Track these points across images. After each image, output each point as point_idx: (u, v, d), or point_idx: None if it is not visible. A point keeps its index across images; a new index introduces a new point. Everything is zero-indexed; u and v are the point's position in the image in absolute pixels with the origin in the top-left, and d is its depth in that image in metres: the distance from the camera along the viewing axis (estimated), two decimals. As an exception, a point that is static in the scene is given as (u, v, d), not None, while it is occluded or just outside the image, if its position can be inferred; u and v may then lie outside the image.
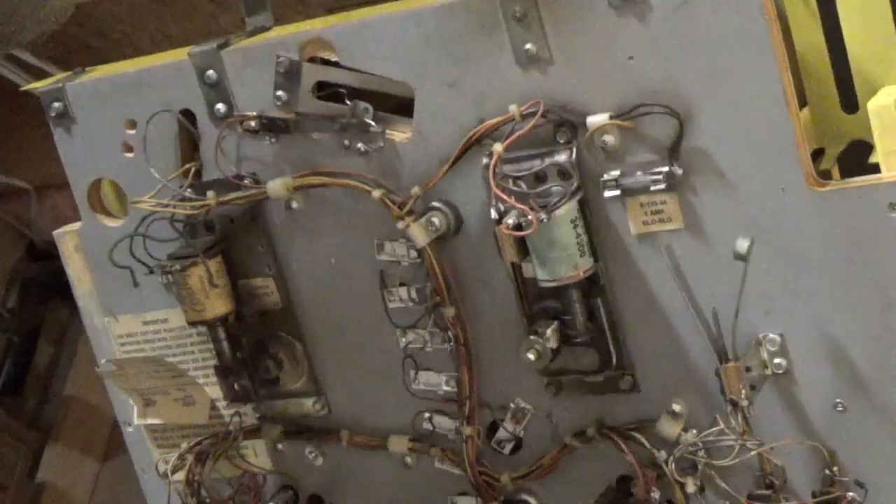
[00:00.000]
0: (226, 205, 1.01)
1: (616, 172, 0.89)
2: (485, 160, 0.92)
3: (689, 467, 0.92)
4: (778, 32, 0.84)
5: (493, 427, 1.02)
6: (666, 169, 0.88)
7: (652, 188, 0.88)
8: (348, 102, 0.97)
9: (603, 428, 0.96)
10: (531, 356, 0.91)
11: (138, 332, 1.12)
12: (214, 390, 1.09)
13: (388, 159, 0.97)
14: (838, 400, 0.90)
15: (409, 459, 1.05)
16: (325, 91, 0.98)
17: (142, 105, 1.03)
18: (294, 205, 1.01)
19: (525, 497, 1.03)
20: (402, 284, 0.99)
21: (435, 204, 0.96)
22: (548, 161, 0.90)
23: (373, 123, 0.96)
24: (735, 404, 0.88)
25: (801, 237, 0.87)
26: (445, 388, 1.01)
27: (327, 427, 1.08)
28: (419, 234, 0.95)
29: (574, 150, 0.90)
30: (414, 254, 0.98)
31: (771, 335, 0.90)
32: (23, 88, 1.12)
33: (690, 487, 0.92)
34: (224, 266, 1.03)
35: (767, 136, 0.85)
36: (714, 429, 0.89)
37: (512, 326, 0.97)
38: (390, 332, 1.02)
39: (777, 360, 0.90)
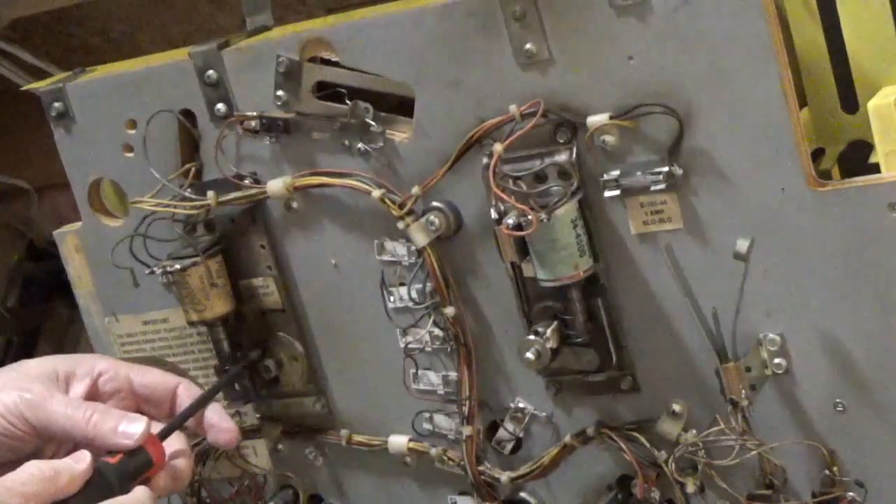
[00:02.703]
0: (226, 205, 1.01)
1: (616, 172, 0.89)
2: (485, 160, 0.92)
3: (689, 467, 0.92)
4: (778, 32, 0.84)
5: (493, 427, 1.02)
6: (666, 169, 0.88)
7: (652, 188, 0.88)
8: (348, 102, 0.97)
9: (603, 428, 0.96)
10: (531, 356, 0.91)
11: (138, 332, 1.12)
12: (214, 390, 1.09)
13: (388, 159, 0.97)
14: (838, 400, 0.90)
15: (409, 459, 1.05)
16: (325, 91, 0.98)
17: (142, 105, 1.03)
18: (294, 205, 1.01)
19: (525, 497, 1.03)
20: (402, 284, 0.99)
21: (435, 204, 0.96)
22: (548, 161, 0.90)
23: (373, 123, 0.96)
24: (735, 404, 0.88)
25: (801, 237, 0.87)
26: (445, 388, 1.01)
27: (327, 427, 1.08)
28: (419, 234, 0.95)
29: (574, 150, 0.90)
30: (414, 254, 0.98)
31: (771, 335, 0.90)
32: (23, 88, 1.12)
33: (690, 487, 0.92)
34: (224, 266, 1.03)
35: (767, 136, 0.85)
36: (714, 429, 0.89)
37: (512, 326, 0.97)
38: (390, 332, 1.02)
39: (777, 360, 0.90)
